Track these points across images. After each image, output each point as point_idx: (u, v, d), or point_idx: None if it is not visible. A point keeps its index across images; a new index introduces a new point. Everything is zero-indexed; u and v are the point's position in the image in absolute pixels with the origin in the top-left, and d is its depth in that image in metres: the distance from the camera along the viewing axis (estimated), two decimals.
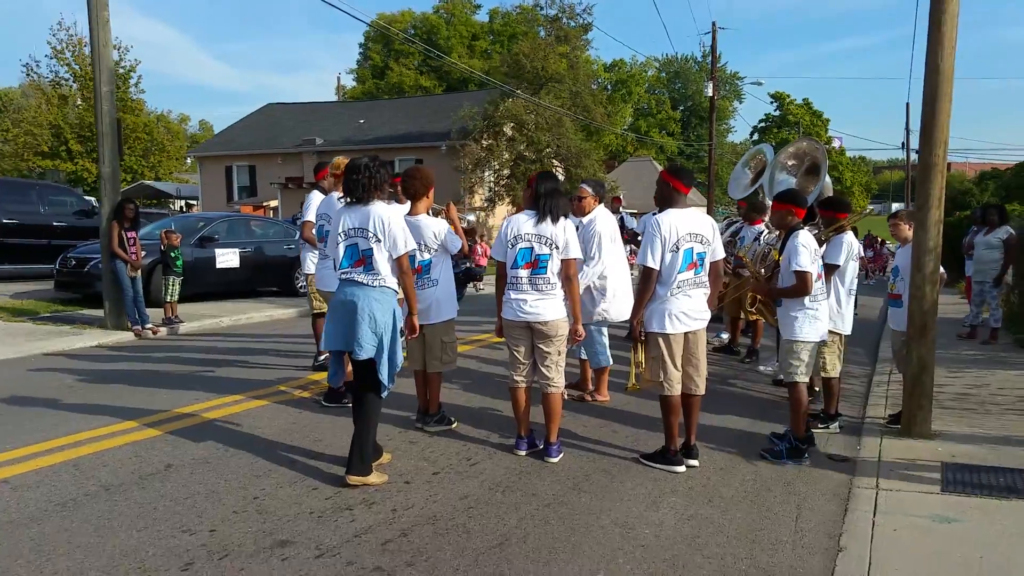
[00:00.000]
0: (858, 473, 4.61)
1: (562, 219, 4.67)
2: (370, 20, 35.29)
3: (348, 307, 4.09)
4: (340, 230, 4.23)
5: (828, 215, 5.74)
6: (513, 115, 25.55)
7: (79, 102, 32.81)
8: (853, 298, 5.77)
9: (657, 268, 4.47)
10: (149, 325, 9.30)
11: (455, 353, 5.29)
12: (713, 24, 31.44)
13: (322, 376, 6.48)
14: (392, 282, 4.22)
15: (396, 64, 53.11)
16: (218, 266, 12.17)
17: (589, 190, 6.03)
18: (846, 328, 5.64)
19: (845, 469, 4.72)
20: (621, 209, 11.60)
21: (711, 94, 31.72)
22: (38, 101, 34.24)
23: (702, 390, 4.73)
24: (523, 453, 4.86)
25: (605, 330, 6.30)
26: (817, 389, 6.19)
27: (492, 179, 28.16)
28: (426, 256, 5.13)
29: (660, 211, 4.66)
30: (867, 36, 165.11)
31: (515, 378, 4.79)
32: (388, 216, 4.17)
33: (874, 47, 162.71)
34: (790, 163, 8.19)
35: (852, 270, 5.69)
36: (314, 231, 6.20)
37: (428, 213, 5.22)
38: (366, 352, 4.06)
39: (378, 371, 4.14)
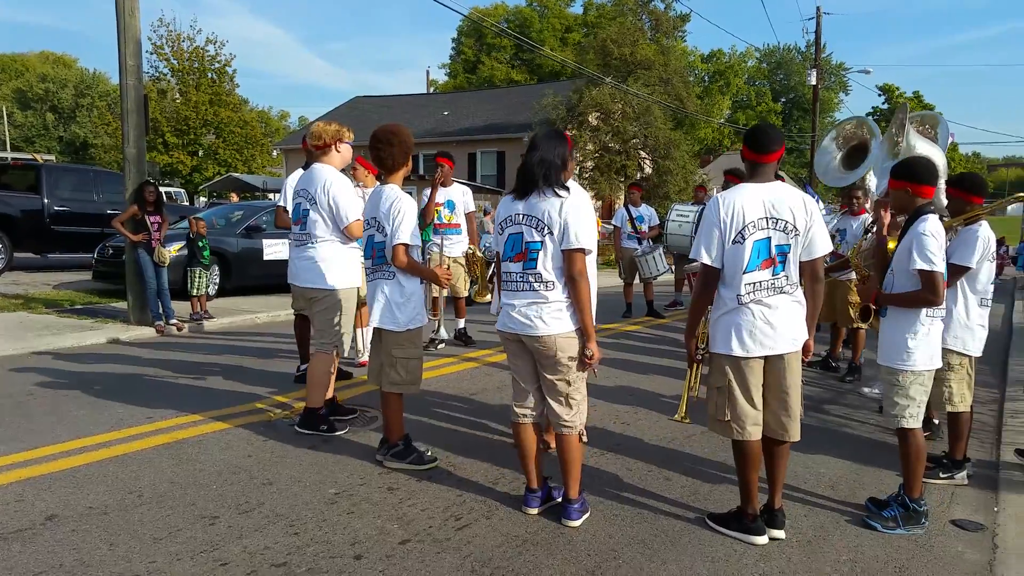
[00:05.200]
0: (1000, 551, 3.30)
1: (564, 191, 3.37)
2: (466, 12, 34.64)
3: None
4: None
5: (958, 197, 4.24)
6: (598, 104, 24.05)
7: (176, 96, 33.54)
8: (987, 310, 4.26)
9: (712, 264, 3.25)
10: (173, 321, 8.54)
11: (411, 374, 4.13)
12: (818, 9, 29.68)
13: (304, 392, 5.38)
14: None
15: (488, 58, 52.53)
16: (266, 258, 11.43)
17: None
18: (976, 348, 4.21)
19: (980, 545, 3.38)
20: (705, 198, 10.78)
21: (814, 82, 29.60)
22: None
23: (794, 435, 3.37)
24: (534, 511, 3.63)
25: None
26: (937, 422, 4.92)
27: (576, 171, 26.75)
28: (379, 238, 4.08)
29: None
30: (981, 29, 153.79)
31: (516, 410, 3.60)
32: None
33: (987, 40, 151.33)
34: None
35: (987, 273, 4.19)
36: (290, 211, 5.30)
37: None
38: None
39: None
